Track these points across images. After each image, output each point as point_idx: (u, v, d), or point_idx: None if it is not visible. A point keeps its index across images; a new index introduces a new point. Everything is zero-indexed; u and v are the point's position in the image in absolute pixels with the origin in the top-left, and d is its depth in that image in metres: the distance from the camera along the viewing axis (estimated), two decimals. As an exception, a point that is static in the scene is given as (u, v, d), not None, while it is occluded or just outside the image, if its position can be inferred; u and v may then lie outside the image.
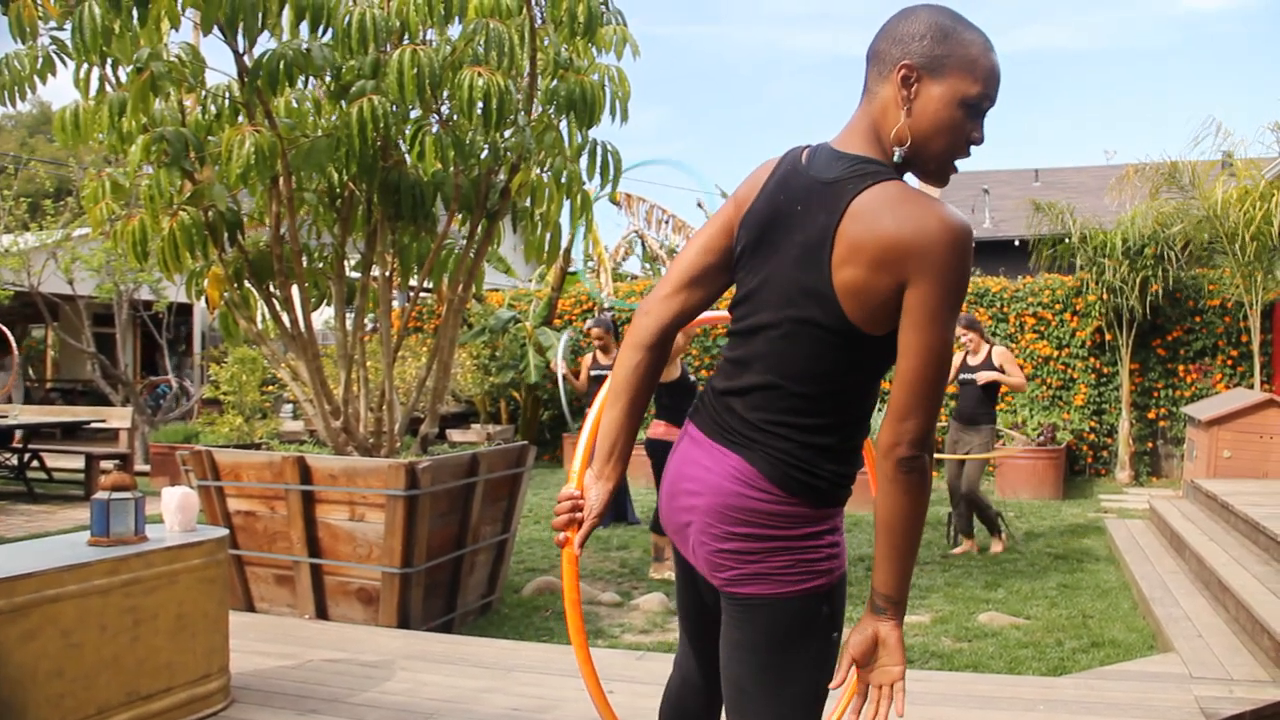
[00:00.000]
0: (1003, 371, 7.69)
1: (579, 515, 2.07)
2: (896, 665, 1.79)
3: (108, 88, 5.07)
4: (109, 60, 4.99)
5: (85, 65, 4.96)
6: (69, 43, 4.79)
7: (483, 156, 5.53)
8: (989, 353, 7.79)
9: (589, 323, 9.49)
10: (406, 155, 5.41)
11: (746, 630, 1.91)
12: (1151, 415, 12.70)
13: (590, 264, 14.98)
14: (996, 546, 7.92)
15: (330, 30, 4.94)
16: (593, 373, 9.57)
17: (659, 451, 6.60)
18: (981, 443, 7.73)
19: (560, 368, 10.73)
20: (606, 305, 14.24)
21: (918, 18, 1.83)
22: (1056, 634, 5.53)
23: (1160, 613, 5.51)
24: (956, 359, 7.78)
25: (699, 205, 22.60)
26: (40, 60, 4.96)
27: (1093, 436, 12.84)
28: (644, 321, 2.07)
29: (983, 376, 7.70)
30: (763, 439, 1.88)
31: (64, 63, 5.02)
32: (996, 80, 1.83)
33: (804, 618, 1.89)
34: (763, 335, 1.90)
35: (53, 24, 4.98)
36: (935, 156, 1.86)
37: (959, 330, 7.76)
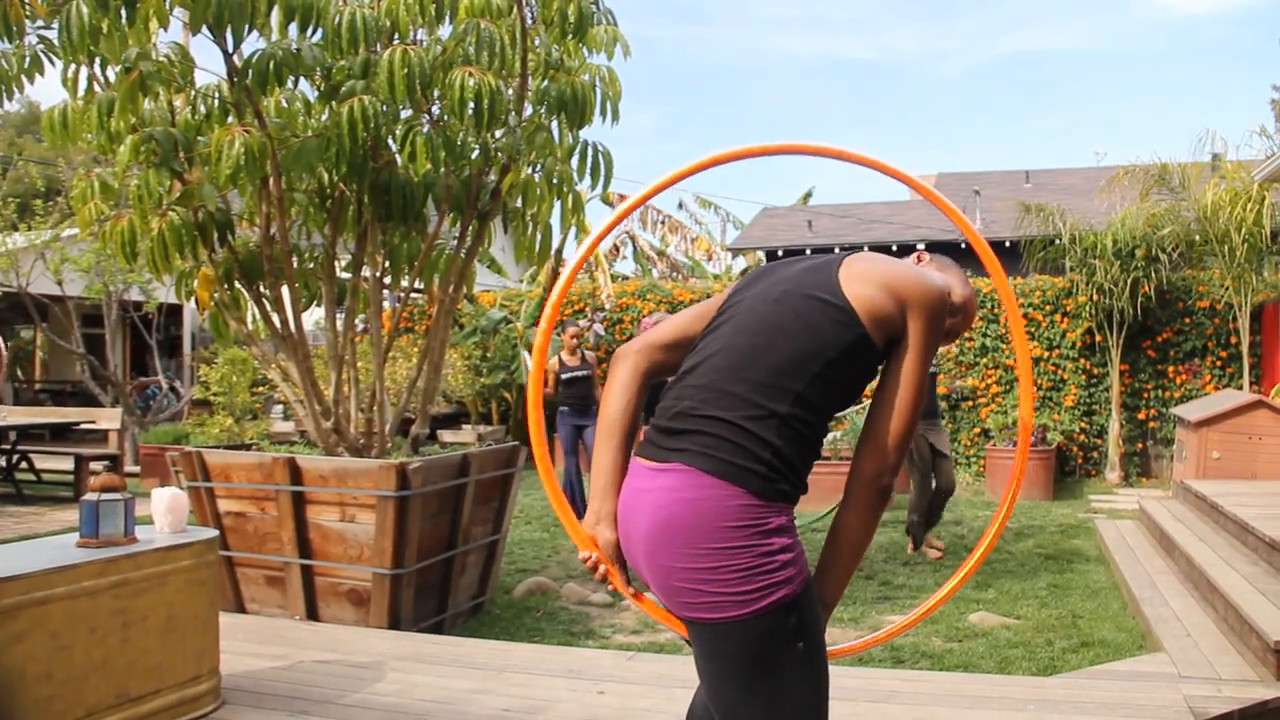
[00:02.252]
0: None
1: (604, 570, 2.07)
2: None
3: (96, 87, 5.06)
4: (97, 60, 4.97)
5: (73, 65, 4.94)
6: (56, 42, 4.77)
7: (473, 157, 5.53)
8: None
9: (583, 323, 9.48)
10: (397, 155, 5.41)
11: (718, 659, 1.90)
12: (1141, 416, 12.74)
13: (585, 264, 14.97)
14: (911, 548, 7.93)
15: (320, 30, 4.94)
16: (563, 376, 9.56)
17: None
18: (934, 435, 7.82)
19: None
20: (602, 307, 14.26)
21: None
22: (1046, 634, 5.54)
23: (1149, 613, 5.52)
24: None
25: (680, 206, 22.68)
26: (28, 59, 4.94)
27: (1083, 437, 12.87)
28: (636, 361, 2.12)
29: None
30: (695, 440, 1.93)
31: (52, 62, 4.99)
32: (974, 309, 2.22)
33: (773, 635, 1.85)
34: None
35: (40, 23, 4.96)
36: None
37: None
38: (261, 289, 5.74)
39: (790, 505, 1.92)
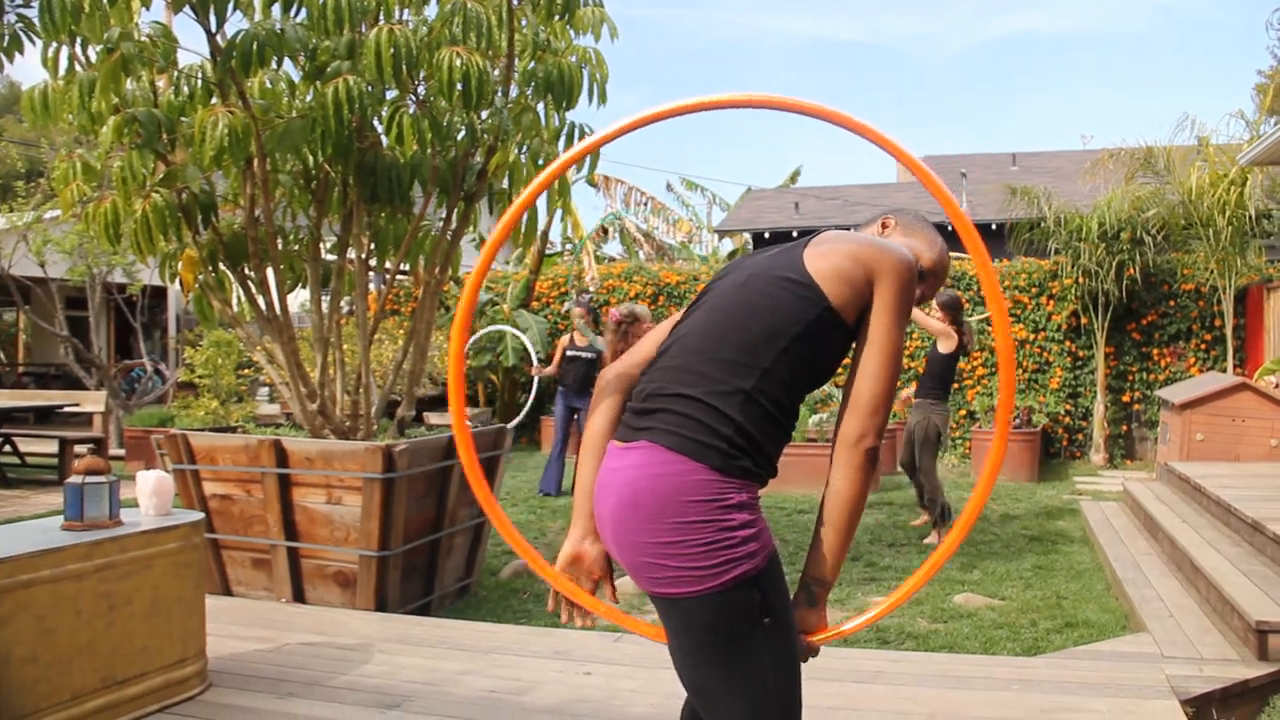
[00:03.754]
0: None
1: (587, 584, 2.12)
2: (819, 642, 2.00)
3: (77, 67, 5.00)
4: (78, 39, 4.92)
5: (54, 44, 4.89)
6: (37, 21, 4.72)
7: (460, 138, 5.49)
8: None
9: (568, 305, 9.45)
10: (383, 137, 5.37)
11: (682, 635, 1.92)
12: (1126, 398, 12.80)
13: (570, 246, 14.96)
14: (930, 537, 7.80)
15: (305, 10, 4.89)
16: (568, 353, 9.53)
17: None
18: (919, 418, 7.79)
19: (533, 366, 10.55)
20: (587, 289, 14.23)
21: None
22: (1031, 615, 5.57)
23: (1133, 594, 5.56)
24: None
25: (668, 188, 22.60)
26: (6, 38, 4.88)
27: (1068, 419, 12.93)
28: (616, 385, 2.14)
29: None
30: (662, 418, 1.96)
31: (32, 41, 4.94)
32: (947, 267, 2.28)
33: (735, 610, 1.86)
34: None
35: (19, 1, 4.90)
36: None
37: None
38: (246, 271, 5.71)
39: (754, 484, 1.93)
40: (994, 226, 14.74)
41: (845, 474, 1.92)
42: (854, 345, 2.01)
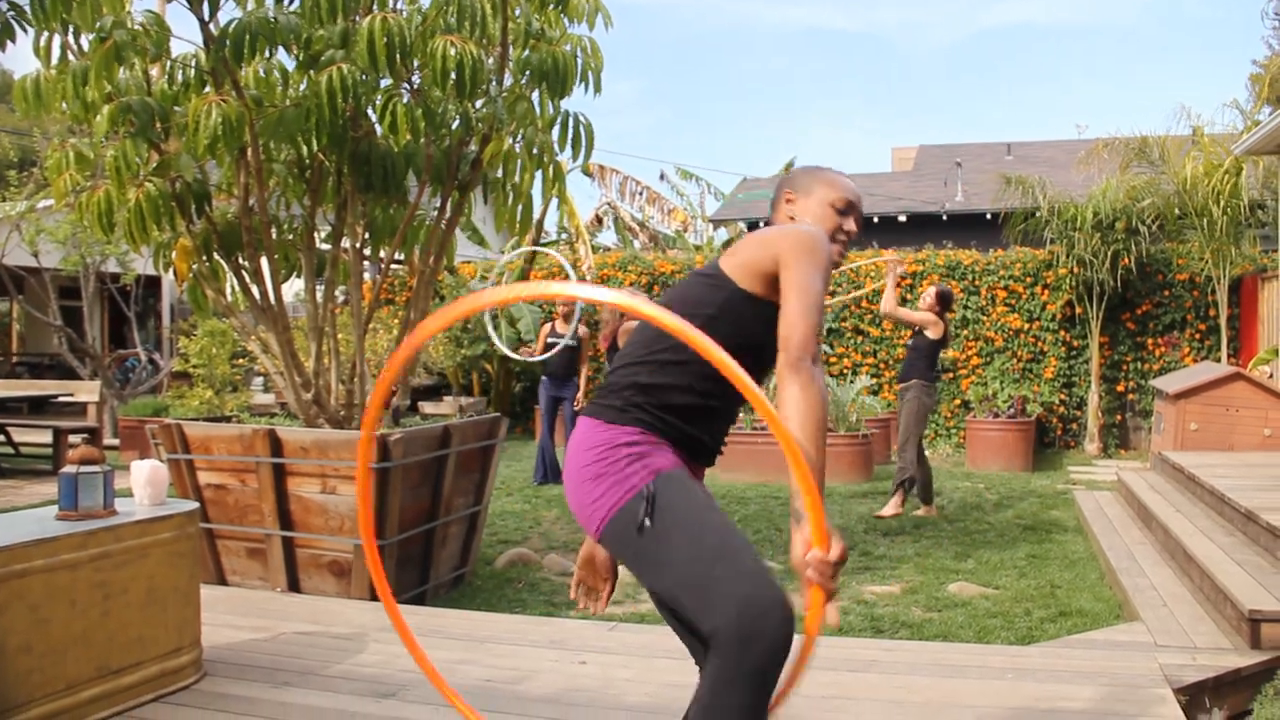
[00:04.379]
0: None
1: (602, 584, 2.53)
2: (823, 549, 1.89)
3: (70, 56, 4.98)
4: (70, 28, 4.90)
5: (46, 33, 4.87)
6: (28, 9, 4.70)
7: (454, 127, 5.48)
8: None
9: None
10: (377, 126, 5.36)
11: (625, 559, 2.19)
12: (1120, 388, 12.83)
13: (565, 235, 14.93)
14: (892, 507, 8.11)
15: (298, -1, 4.88)
16: (549, 340, 9.57)
17: None
18: (909, 399, 8.07)
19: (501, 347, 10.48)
20: (583, 278, 14.20)
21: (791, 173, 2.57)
22: (1025, 604, 5.59)
23: (1127, 583, 5.58)
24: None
25: (661, 177, 22.56)
26: (-1, 26, 4.86)
27: (1062, 409, 12.96)
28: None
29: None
30: (595, 397, 2.32)
31: (24, 29, 4.92)
32: (855, 195, 2.48)
33: (636, 520, 2.09)
34: None
35: (11, -11, 4.88)
36: None
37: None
38: (240, 260, 5.70)
39: (651, 431, 2.19)
40: (989, 216, 14.75)
41: (785, 387, 2.04)
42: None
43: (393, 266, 6.16)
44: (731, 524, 2.12)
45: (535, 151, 5.58)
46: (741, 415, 9.60)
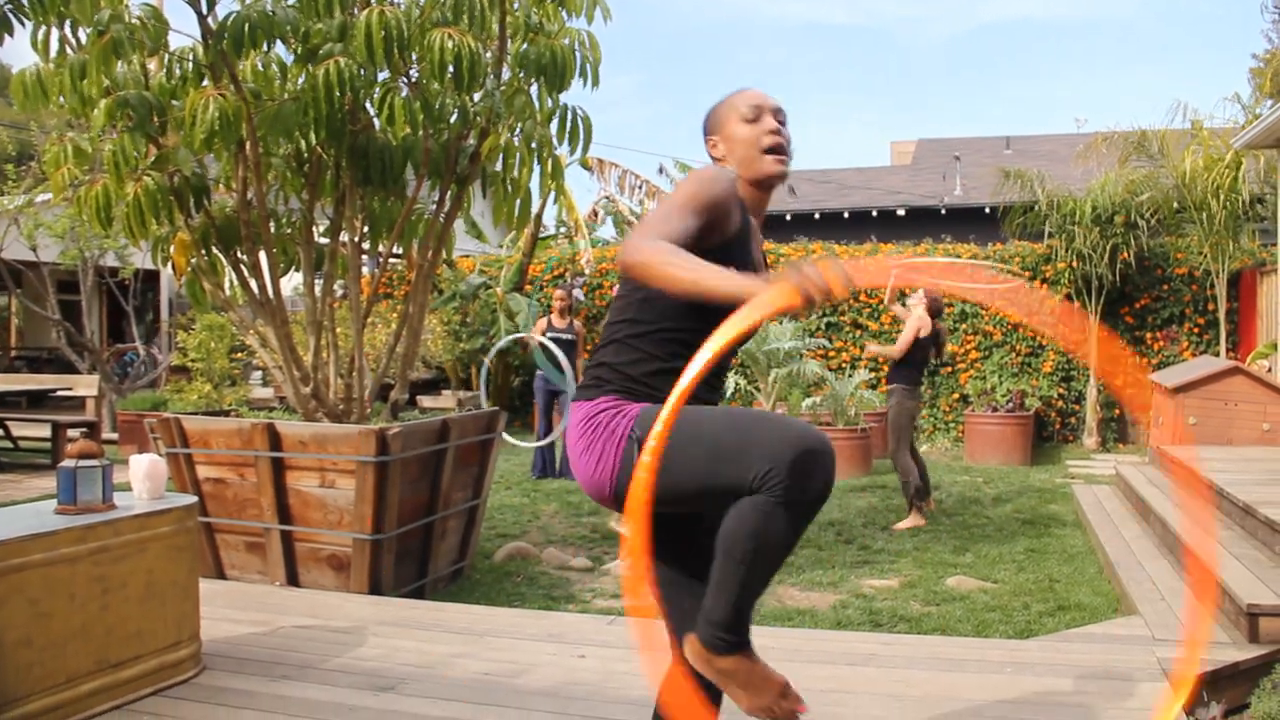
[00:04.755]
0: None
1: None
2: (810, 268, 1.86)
3: (68, 50, 4.97)
4: (68, 21, 4.89)
5: (44, 26, 4.86)
6: (25, 2, 4.68)
7: (452, 120, 5.47)
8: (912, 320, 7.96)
9: (560, 289, 9.50)
10: (375, 119, 5.35)
11: (653, 499, 2.16)
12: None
13: (564, 229, 14.91)
14: (911, 520, 7.74)
15: (296, -9, 4.87)
16: (548, 335, 9.58)
17: None
18: (892, 405, 7.88)
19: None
20: (582, 272, 14.21)
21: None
22: (1023, 598, 5.60)
23: (1125, 577, 5.58)
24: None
25: (660, 170, 22.53)
26: (-4, 20, 4.85)
27: (1060, 403, 12.96)
28: None
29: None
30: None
31: (21, 23, 4.90)
32: (759, 97, 2.45)
33: (633, 455, 2.17)
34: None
35: (9, -18, 4.87)
36: (744, 161, 2.43)
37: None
38: (239, 254, 5.69)
39: (621, 396, 2.28)
40: (988, 210, 14.74)
41: (641, 270, 2.04)
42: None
43: (391, 260, 6.14)
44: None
45: (534, 145, 5.57)
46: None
